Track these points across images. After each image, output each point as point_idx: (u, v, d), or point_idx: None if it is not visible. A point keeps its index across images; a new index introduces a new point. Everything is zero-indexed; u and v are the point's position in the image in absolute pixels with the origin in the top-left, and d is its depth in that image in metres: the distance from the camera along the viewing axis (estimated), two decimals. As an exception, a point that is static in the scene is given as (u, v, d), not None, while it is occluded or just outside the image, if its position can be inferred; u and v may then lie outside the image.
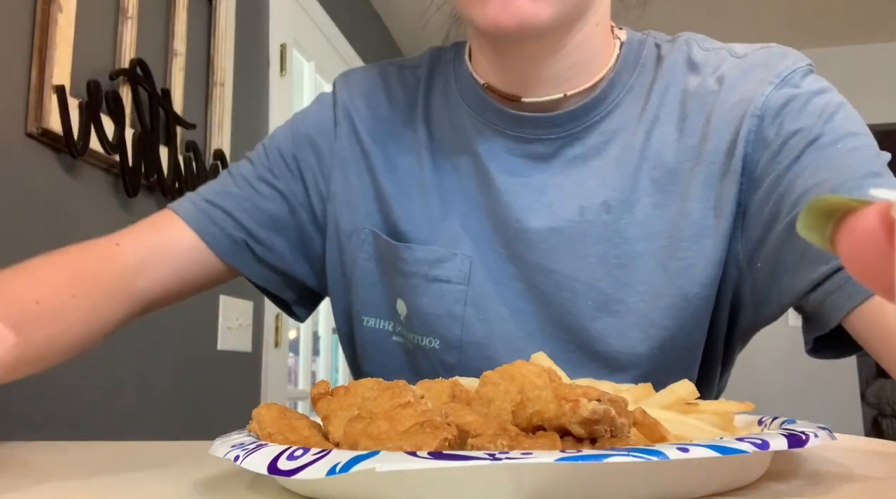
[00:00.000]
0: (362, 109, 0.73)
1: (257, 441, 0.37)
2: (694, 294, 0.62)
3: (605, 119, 0.66)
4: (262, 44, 1.90)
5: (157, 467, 0.50)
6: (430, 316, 0.67)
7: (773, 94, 0.61)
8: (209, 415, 1.54)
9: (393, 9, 2.99)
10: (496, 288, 0.67)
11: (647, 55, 0.67)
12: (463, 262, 0.67)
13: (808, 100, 0.60)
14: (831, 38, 3.43)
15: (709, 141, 0.62)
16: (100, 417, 1.18)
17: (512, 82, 0.66)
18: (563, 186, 0.65)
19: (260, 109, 1.87)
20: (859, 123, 0.60)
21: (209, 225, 0.70)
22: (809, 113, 0.59)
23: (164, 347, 1.38)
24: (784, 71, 0.62)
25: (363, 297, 0.71)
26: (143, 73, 1.30)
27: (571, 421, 0.33)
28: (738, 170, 0.61)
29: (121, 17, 1.28)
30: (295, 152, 0.73)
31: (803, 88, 0.61)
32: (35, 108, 1.07)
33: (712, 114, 0.63)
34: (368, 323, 0.72)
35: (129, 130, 1.24)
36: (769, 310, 0.61)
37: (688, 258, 0.62)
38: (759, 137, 0.61)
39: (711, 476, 0.34)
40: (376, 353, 0.72)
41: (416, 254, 0.68)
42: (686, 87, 0.65)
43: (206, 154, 1.54)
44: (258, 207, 0.72)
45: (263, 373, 1.81)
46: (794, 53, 0.64)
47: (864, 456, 0.48)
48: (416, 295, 0.68)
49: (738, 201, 0.61)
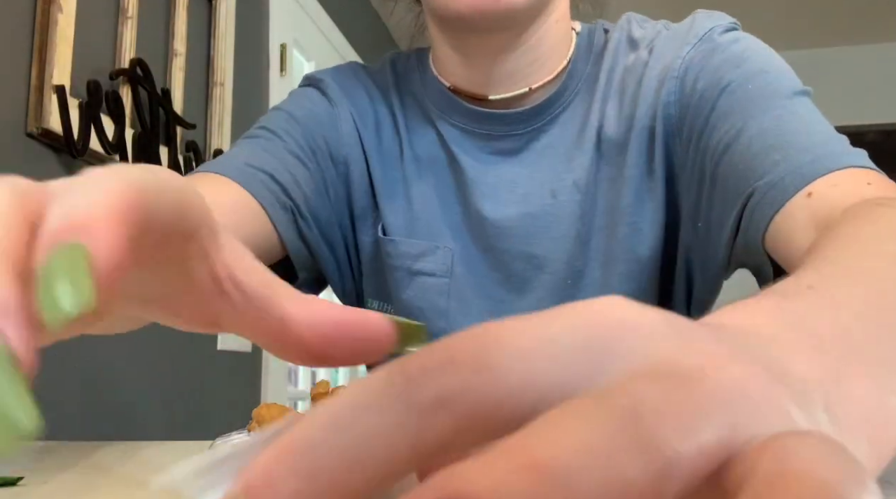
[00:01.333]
0: (353, 100, 0.74)
1: (257, 441, 0.37)
2: (647, 257, 0.64)
3: (566, 109, 0.68)
4: (262, 44, 1.90)
5: (157, 466, 0.50)
6: (414, 310, 0.68)
7: (690, 53, 0.62)
8: (209, 415, 1.54)
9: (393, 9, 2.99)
10: (476, 280, 0.69)
11: (597, 42, 0.70)
12: (445, 255, 0.68)
13: (723, 50, 0.61)
14: (831, 38, 3.43)
15: (638, 107, 0.65)
16: (100, 416, 1.18)
17: (477, 81, 0.68)
18: (533, 176, 0.68)
19: (260, 109, 1.87)
20: (773, 62, 0.60)
21: (262, 189, 0.64)
22: (721, 62, 0.60)
23: (164, 347, 1.38)
24: (701, 30, 0.63)
25: (367, 279, 0.73)
26: (143, 73, 1.31)
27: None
28: (662, 133, 0.63)
29: (121, 17, 1.28)
30: (304, 134, 0.71)
31: (719, 41, 0.62)
32: (35, 108, 1.07)
33: (642, 82, 0.65)
34: (372, 305, 0.73)
35: (129, 130, 1.24)
36: (711, 271, 0.62)
37: (634, 223, 0.64)
38: (681, 96, 0.62)
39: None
40: None
41: (399, 247, 0.69)
42: (626, 64, 0.67)
43: (206, 154, 1.54)
44: (295, 179, 0.67)
45: (263, 373, 1.81)
46: (719, 14, 0.65)
47: (863, 456, 0.48)
48: (400, 289, 0.69)
49: (666, 164, 0.63)
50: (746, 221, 0.53)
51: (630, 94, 0.66)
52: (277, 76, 1.97)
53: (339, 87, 0.74)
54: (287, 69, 2.02)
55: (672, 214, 0.64)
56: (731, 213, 0.55)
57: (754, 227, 0.52)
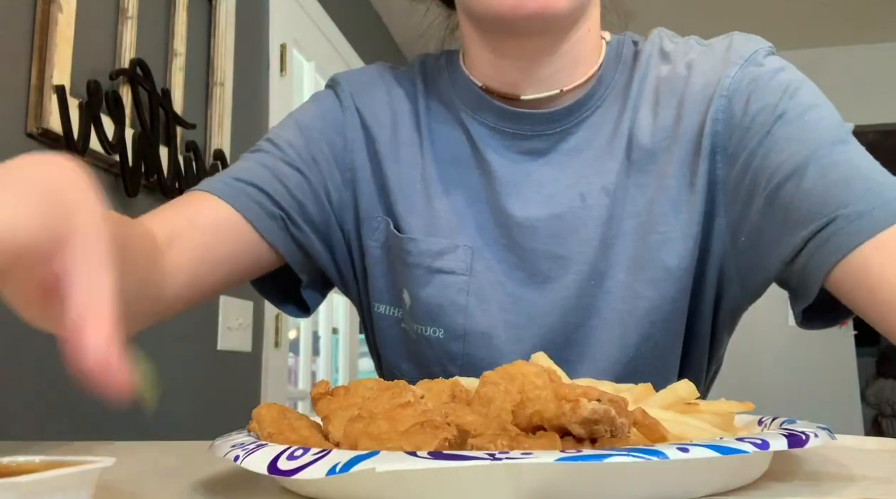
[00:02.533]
0: (366, 102, 0.75)
1: (257, 441, 0.37)
2: (675, 265, 0.65)
3: (594, 113, 0.70)
4: (262, 44, 1.90)
5: (157, 466, 0.50)
6: (433, 307, 0.69)
7: (738, 74, 0.65)
8: (209, 415, 1.54)
9: (393, 9, 2.99)
10: (497, 278, 0.69)
11: (626, 52, 0.72)
12: (465, 253, 0.69)
13: (771, 77, 0.64)
14: (831, 38, 3.43)
15: (682, 121, 0.67)
16: (99, 416, 1.18)
17: (510, 81, 0.69)
18: (560, 178, 0.69)
19: (260, 109, 1.87)
20: (820, 97, 0.64)
21: (248, 201, 0.67)
22: (773, 89, 0.63)
23: (165, 348, 1.38)
24: (747, 52, 0.66)
25: (374, 283, 0.73)
26: (143, 73, 1.31)
27: (571, 421, 0.33)
28: (708, 148, 0.65)
29: (121, 17, 1.28)
30: (307, 143, 0.72)
31: (766, 66, 0.65)
32: (35, 108, 1.07)
33: (684, 97, 0.67)
34: (379, 309, 0.73)
35: (129, 130, 1.24)
36: (754, 283, 0.65)
37: (666, 232, 0.65)
38: (728, 115, 0.64)
39: (711, 476, 0.34)
40: (391, 338, 0.74)
41: (419, 246, 0.70)
42: (659, 75, 0.70)
43: (206, 154, 1.54)
44: (287, 188, 0.70)
45: (263, 373, 1.81)
46: (756, 38, 0.69)
47: (864, 456, 0.48)
48: (419, 286, 0.69)
49: (709, 178, 0.65)
50: (819, 244, 0.55)
51: (668, 107, 0.68)
52: (277, 76, 1.97)
53: (351, 89, 0.75)
54: (287, 69, 2.02)
55: (707, 226, 0.66)
56: (796, 234, 0.56)
57: (829, 251, 0.54)
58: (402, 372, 0.74)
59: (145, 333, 0.53)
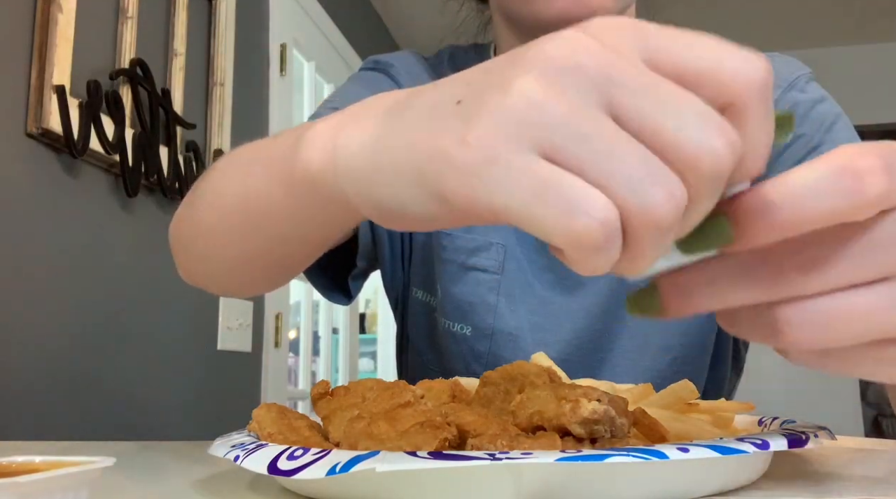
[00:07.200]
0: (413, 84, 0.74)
1: (257, 441, 0.37)
2: None
3: None
4: (261, 44, 1.90)
5: (157, 467, 0.50)
6: (463, 304, 0.69)
7: (779, 98, 0.65)
8: (209, 415, 1.54)
9: (393, 9, 2.99)
10: (527, 279, 0.69)
11: None
12: (498, 251, 0.69)
13: (810, 107, 0.65)
14: (831, 39, 3.43)
15: None
16: (99, 417, 1.18)
17: None
18: None
19: (260, 109, 1.87)
20: (854, 132, 0.65)
21: None
22: (811, 120, 0.64)
23: (165, 347, 1.38)
24: (789, 76, 0.67)
25: (415, 268, 0.74)
26: (143, 73, 1.31)
27: (571, 421, 0.33)
28: None
29: (121, 17, 1.28)
30: None
31: (808, 94, 0.66)
32: (35, 108, 1.07)
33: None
34: (417, 294, 0.74)
35: (129, 130, 1.24)
36: None
37: None
38: None
39: (711, 476, 0.34)
40: (422, 326, 0.74)
41: (455, 242, 0.70)
42: None
43: (206, 154, 1.54)
44: None
45: (263, 373, 1.81)
46: (796, 61, 0.69)
47: (864, 456, 0.48)
48: (451, 282, 0.70)
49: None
50: None
51: None
52: (277, 76, 1.97)
53: (405, 71, 0.73)
54: (287, 69, 2.02)
55: None
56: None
57: None
58: (426, 361, 0.74)
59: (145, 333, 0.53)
